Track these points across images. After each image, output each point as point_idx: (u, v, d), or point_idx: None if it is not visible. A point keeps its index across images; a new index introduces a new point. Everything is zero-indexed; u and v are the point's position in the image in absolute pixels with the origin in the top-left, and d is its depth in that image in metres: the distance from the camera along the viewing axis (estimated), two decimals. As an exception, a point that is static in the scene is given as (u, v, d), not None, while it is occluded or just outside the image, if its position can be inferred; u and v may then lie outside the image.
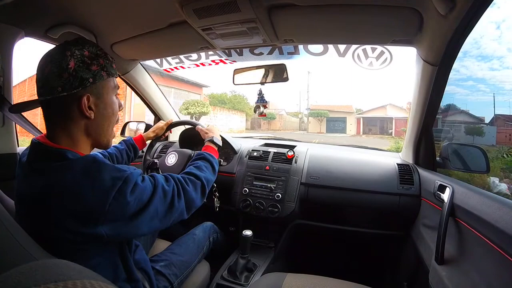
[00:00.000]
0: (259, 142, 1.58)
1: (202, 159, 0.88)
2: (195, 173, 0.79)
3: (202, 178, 0.78)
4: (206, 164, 0.86)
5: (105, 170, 0.57)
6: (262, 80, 1.23)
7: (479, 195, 0.70)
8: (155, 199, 0.63)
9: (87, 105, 0.61)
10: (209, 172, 0.84)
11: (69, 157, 0.58)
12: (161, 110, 1.65)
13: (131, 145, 1.14)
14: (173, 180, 0.71)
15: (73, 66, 0.58)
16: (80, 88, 0.59)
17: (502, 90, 13.79)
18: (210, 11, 0.82)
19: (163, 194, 0.65)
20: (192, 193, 0.73)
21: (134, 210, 0.59)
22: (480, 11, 0.64)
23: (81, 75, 0.59)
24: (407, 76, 4.45)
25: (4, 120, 0.93)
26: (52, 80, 0.58)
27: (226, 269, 1.10)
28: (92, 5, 0.85)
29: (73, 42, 0.62)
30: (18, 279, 0.21)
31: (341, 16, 0.86)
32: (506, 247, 0.55)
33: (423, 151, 1.16)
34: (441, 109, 2.23)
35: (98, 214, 0.55)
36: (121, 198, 0.56)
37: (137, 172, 0.63)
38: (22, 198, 0.61)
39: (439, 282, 0.73)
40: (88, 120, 0.62)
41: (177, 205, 0.68)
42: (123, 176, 0.58)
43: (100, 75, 0.62)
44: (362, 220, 1.24)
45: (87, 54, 0.61)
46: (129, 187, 0.58)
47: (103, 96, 0.64)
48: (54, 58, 0.59)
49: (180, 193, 0.70)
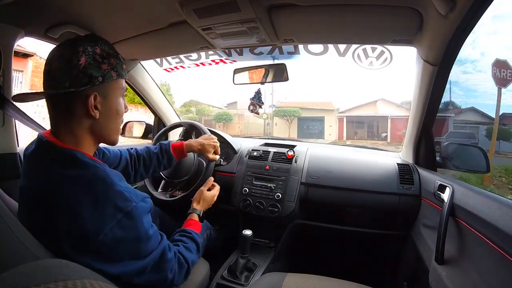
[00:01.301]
0: (259, 141, 1.58)
1: (191, 239, 0.81)
2: (185, 256, 0.73)
3: (189, 262, 0.73)
4: (194, 245, 0.79)
5: (111, 195, 0.55)
6: (262, 80, 1.24)
7: (479, 195, 0.70)
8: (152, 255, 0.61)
9: (93, 104, 0.59)
10: (195, 255, 0.78)
11: (78, 158, 0.57)
12: (161, 110, 1.65)
13: (166, 151, 1.02)
14: (174, 254, 0.68)
15: (84, 62, 0.57)
16: (88, 86, 0.57)
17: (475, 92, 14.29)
18: (210, 10, 0.82)
19: (161, 257, 0.63)
20: (177, 275, 0.69)
21: (127, 252, 0.56)
22: (480, 11, 0.64)
23: (90, 72, 0.58)
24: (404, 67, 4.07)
25: (4, 120, 0.93)
26: (61, 74, 0.57)
27: (226, 269, 1.10)
28: (92, 5, 0.85)
29: (87, 38, 0.61)
30: (19, 278, 0.21)
31: (341, 16, 0.85)
32: (506, 247, 0.55)
33: (423, 150, 1.16)
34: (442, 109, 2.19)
35: (90, 242, 0.53)
36: (119, 231, 0.54)
37: (145, 206, 0.60)
38: (26, 194, 0.60)
39: (439, 282, 0.73)
40: (93, 119, 0.60)
41: (168, 275, 0.65)
42: (127, 208, 0.55)
43: (109, 75, 0.61)
44: (362, 220, 1.24)
45: (99, 52, 0.60)
46: (132, 221, 0.56)
47: (109, 97, 0.63)
48: (66, 52, 0.57)
49: (173, 269, 0.67)
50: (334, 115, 16.30)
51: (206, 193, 0.98)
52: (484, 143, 8.64)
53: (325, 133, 15.85)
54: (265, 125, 17.19)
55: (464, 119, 10.83)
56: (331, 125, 15.95)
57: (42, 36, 0.94)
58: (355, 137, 15.63)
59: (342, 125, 16.14)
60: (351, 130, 16.14)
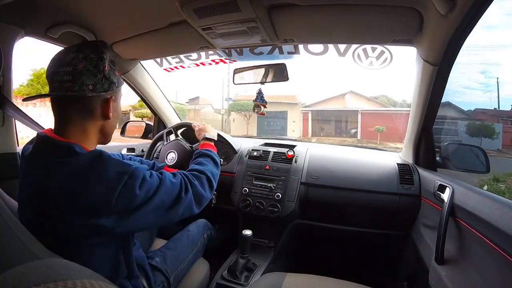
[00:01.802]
0: (259, 141, 1.58)
1: (201, 155, 0.90)
2: (197, 169, 0.81)
3: (206, 172, 0.80)
4: (207, 159, 0.88)
5: (111, 164, 0.58)
6: (262, 80, 1.23)
7: (479, 195, 0.70)
8: (161, 191, 0.64)
9: (111, 107, 0.65)
10: (211, 165, 0.86)
11: (76, 151, 0.59)
12: (162, 110, 1.65)
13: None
14: (180, 175, 0.73)
15: (108, 69, 0.62)
16: (108, 90, 0.63)
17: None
18: (210, 10, 0.82)
19: (170, 186, 0.67)
20: (199, 187, 0.75)
21: (140, 202, 0.60)
22: (480, 11, 0.64)
23: (112, 78, 0.64)
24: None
25: (4, 120, 0.93)
26: (86, 77, 0.59)
27: (226, 269, 1.10)
28: (92, 5, 0.85)
29: (104, 44, 0.65)
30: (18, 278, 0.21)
31: (341, 16, 0.85)
32: (506, 247, 0.55)
33: (423, 151, 1.16)
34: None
35: (103, 208, 0.56)
36: (128, 192, 0.57)
37: (143, 167, 0.64)
38: (26, 192, 0.61)
39: (439, 282, 0.73)
40: (106, 120, 0.66)
41: (184, 197, 0.69)
42: (129, 170, 0.59)
43: (121, 81, 0.69)
44: (362, 220, 1.24)
45: (111, 59, 0.65)
46: (137, 181, 0.59)
47: (118, 100, 0.70)
48: (90, 56, 0.60)
49: (187, 187, 0.71)
50: (298, 109, 14.37)
51: (202, 125, 1.11)
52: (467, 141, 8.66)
53: (287, 130, 14.13)
54: (222, 121, 15.13)
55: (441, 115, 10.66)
56: (295, 121, 14.04)
57: (42, 36, 0.94)
58: (321, 133, 13.98)
59: (307, 120, 14.07)
60: (317, 126, 14.28)
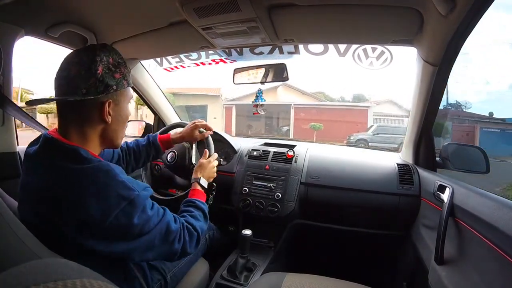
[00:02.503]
0: (259, 141, 1.58)
1: (196, 207, 0.84)
2: (193, 224, 0.76)
3: (198, 230, 0.76)
4: (200, 213, 0.83)
5: (114, 185, 0.57)
6: (262, 80, 1.23)
7: (479, 195, 0.70)
8: (156, 230, 0.63)
9: (108, 110, 0.63)
10: (202, 221, 0.81)
11: (82, 155, 0.59)
12: (162, 110, 1.65)
13: (153, 143, 1.07)
14: (180, 224, 0.71)
15: (101, 71, 0.60)
16: (104, 93, 0.61)
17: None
18: (210, 10, 0.82)
19: (166, 230, 0.65)
20: (188, 244, 0.72)
21: (132, 235, 0.59)
22: (480, 11, 0.64)
23: (107, 81, 0.61)
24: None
25: (4, 119, 0.93)
26: (78, 81, 0.59)
27: (226, 269, 1.10)
28: (92, 4, 0.85)
29: (101, 47, 0.64)
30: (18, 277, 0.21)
31: (342, 16, 0.85)
32: (505, 247, 0.55)
33: (423, 151, 1.16)
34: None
35: (96, 228, 0.55)
36: (124, 218, 0.56)
37: (146, 194, 0.63)
38: (28, 192, 0.61)
39: (439, 282, 0.73)
40: (105, 124, 0.65)
41: (175, 246, 0.68)
42: (130, 197, 0.58)
43: (122, 84, 0.65)
44: (361, 220, 1.24)
45: (111, 62, 0.63)
46: (136, 210, 0.58)
47: (120, 103, 0.67)
48: (83, 60, 0.60)
49: (180, 238, 0.70)
50: (220, 103, 12.13)
51: (203, 161, 1.01)
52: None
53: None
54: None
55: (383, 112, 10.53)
56: (216, 117, 11.65)
57: (42, 35, 0.94)
58: (249, 131, 11.49)
59: (230, 116, 11.73)
60: (243, 123, 11.80)
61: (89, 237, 0.55)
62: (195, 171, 0.98)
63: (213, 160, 1.04)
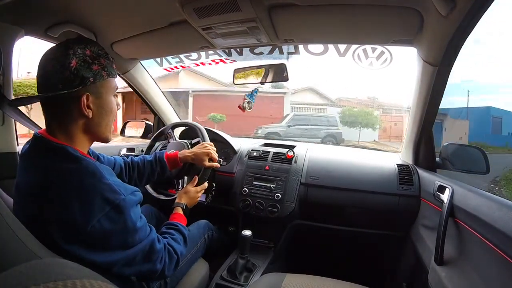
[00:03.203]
0: (259, 142, 1.58)
1: (178, 231, 0.82)
2: (173, 247, 0.75)
3: (178, 253, 0.75)
4: (181, 237, 0.82)
5: (98, 187, 0.56)
6: (262, 80, 1.23)
7: (479, 196, 0.70)
8: (141, 246, 0.62)
9: (86, 104, 0.61)
10: (182, 246, 0.80)
11: (71, 153, 0.59)
12: (162, 110, 1.65)
13: (160, 160, 1.04)
14: (163, 246, 0.70)
15: (75, 64, 0.59)
16: (80, 86, 0.60)
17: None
18: (210, 10, 0.82)
19: (149, 248, 0.64)
20: (167, 266, 0.71)
21: (115, 244, 0.58)
22: (480, 12, 0.64)
23: (82, 74, 0.60)
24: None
25: (4, 119, 0.93)
26: (54, 77, 0.59)
27: (226, 269, 1.10)
28: (92, 4, 0.85)
29: (76, 40, 0.63)
30: (18, 278, 0.21)
31: (341, 16, 0.85)
32: (505, 248, 0.55)
33: (423, 151, 1.16)
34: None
35: (78, 232, 0.54)
36: (107, 224, 0.56)
37: (134, 199, 0.62)
38: (21, 192, 0.62)
39: (439, 282, 0.73)
40: (86, 118, 0.63)
41: (156, 266, 0.67)
42: (115, 201, 0.56)
43: (100, 75, 0.63)
44: (361, 221, 1.24)
45: (89, 53, 0.62)
46: (121, 216, 0.57)
47: (102, 96, 0.65)
48: (57, 55, 0.59)
49: (162, 259, 0.69)
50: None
51: (190, 188, 0.99)
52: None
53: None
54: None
55: (301, 101, 9.98)
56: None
57: (42, 35, 0.94)
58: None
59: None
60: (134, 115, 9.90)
61: (72, 241, 0.55)
62: (179, 196, 0.96)
63: (200, 190, 1.01)
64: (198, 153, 1.06)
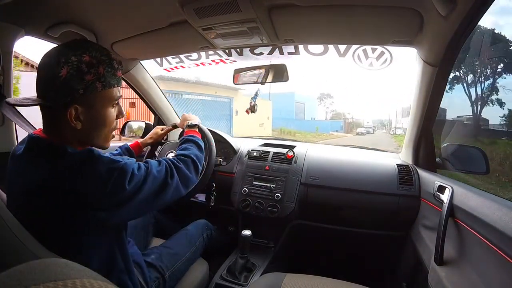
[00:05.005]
0: (259, 142, 1.58)
1: (185, 141, 0.92)
2: (182, 153, 0.82)
3: (191, 155, 0.82)
4: (190, 144, 0.90)
5: (100, 162, 0.58)
6: (262, 80, 1.23)
7: (479, 196, 0.70)
8: (148, 181, 0.65)
9: (73, 115, 0.58)
10: (194, 149, 0.87)
11: (68, 151, 0.58)
12: (162, 110, 1.65)
13: (126, 149, 1.12)
14: (165, 161, 0.74)
15: (65, 74, 0.56)
16: (68, 98, 0.57)
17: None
18: (210, 10, 0.82)
19: (156, 174, 0.68)
20: (185, 170, 0.77)
21: (130, 195, 0.61)
22: (480, 12, 0.64)
23: (71, 85, 0.56)
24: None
25: (4, 119, 0.93)
26: (46, 84, 0.58)
27: (225, 269, 1.10)
28: (92, 4, 0.85)
29: (73, 45, 0.59)
30: (18, 278, 0.21)
31: (342, 16, 0.86)
32: (505, 248, 0.55)
33: (423, 151, 1.16)
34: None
35: (95, 203, 0.57)
36: (118, 187, 0.59)
37: (132, 161, 0.65)
38: (16, 193, 0.61)
39: (439, 282, 0.73)
40: (78, 129, 0.60)
41: (170, 182, 0.71)
42: (118, 166, 0.60)
43: (93, 87, 0.59)
44: (361, 221, 1.24)
45: (87, 60, 0.58)
46: (126, 177, 0.60)
47: (95, 107, 0.61)
48: (50, 61, 0.58)
49: (172, 172, 0.73)
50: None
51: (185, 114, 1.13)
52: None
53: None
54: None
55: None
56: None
57: (42, 35, 0.94)
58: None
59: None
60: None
61: (91, 210, 0.57)
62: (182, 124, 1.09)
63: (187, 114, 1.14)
64: (153, 133, 1.21)
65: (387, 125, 35.94)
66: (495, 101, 4.85)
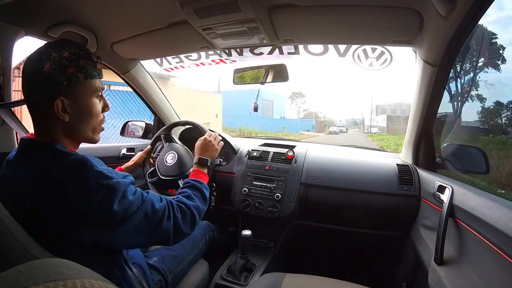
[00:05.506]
0: (259, 142, 1.58)
1: (191, 187, 0.84)
2: (185, 202, 0.76)
3: (192, 208, 0.75)
4: (195, 192, 0.82)
5: (91, 175, 0.57)
6: (262, 80, 1.24)
7: (479, 196, 0.70)
8: (141, 212, 0.62)
9: (60, 108, 0.60)
10: (198, 200, 0.80)
11: (59, 149, 0.59)
12: (162, 110, 1.65)
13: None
14: (166, 202, 0.70)
15: (48, 69, 0.58)
16: (53, 91, 0.59)
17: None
18: (210, 10, 0.82)
19: (151, 211, 0.64)
20: (181, 222, 0.71)
21: (116, 221, 0.58)
22: (480, 12, 0.64)
23: (55, 78, 0.58)
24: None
25: (4, 120, 0.93)
26: (31, 82, 0.59)
27: (226, 269, 1.10)
28: (92, 5, 0.85)
29: (53, 44, 0.62)
30: (18, 278, 0.21)
31: (341, 16, 0.86)
32: (505, 248, 0.55)
33: (423, 151, 1.16)
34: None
35: (79, 218, 0.55)
36: (104, 206, 0.56)
37: (127, 181, 0.62)
38: (11, 197, 0.59)
39: (439, 282, 0.73)
40: (64, 122, 0.61)
41: (163, 226, 0.66)
42: (108, 184, 0.58)
43: (76, 78, 0.61)
44: (361, 221, 1.24)
45: (67, 56, 0.60)
46: (116, 196, 0.58)
47: (80, 99, 0.63)
48: (32, 62, 0.59)
49: (170, 216, 0.68)
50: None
51: (200, 142, 1.02)
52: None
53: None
54: None
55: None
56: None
57: (42, 35, 0.94)
58: None
59: None
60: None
61: (73, 228, 0.56)
62: (197, 149, 0.99)
63: (209, 136, 1.03)
64: (135, 156, 1.18)
65: (360, 124, 35.98)
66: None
